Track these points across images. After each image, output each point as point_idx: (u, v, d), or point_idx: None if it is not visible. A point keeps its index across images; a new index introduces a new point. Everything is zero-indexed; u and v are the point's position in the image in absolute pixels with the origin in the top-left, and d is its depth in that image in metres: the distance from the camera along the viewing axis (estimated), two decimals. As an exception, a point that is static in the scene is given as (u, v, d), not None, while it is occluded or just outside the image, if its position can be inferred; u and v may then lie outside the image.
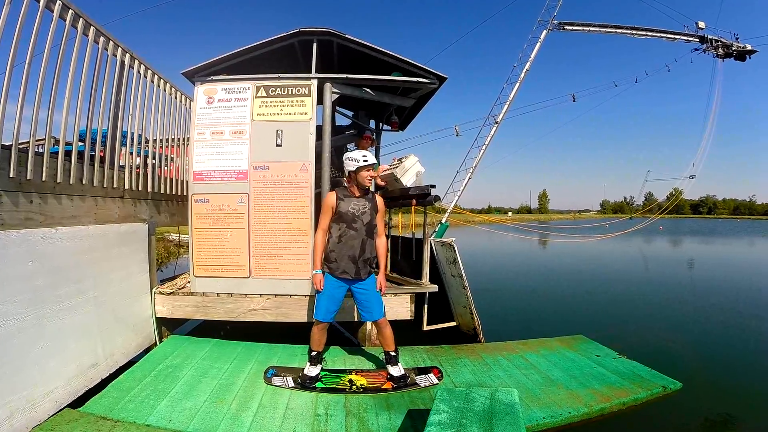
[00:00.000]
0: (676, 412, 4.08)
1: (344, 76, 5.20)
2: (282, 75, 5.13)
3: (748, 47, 19.18)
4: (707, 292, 10.80)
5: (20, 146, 3.16)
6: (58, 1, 3.50)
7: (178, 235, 13.65)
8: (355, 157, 3.84)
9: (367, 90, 5.45)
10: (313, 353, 4.01)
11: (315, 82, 5.10)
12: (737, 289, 11.34)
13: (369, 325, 5.04)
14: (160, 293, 5.02)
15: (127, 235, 4.61)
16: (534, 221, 61.53)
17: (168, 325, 5.20)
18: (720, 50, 19.05)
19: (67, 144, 3.73)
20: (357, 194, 3.93)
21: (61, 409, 3.31)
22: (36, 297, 3.25)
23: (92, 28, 4.00)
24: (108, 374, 4.01)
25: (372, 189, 5.85)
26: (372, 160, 3.87)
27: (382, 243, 4.06)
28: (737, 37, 19.29)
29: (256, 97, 5.09)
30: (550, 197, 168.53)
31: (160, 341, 4.98)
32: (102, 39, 4.20)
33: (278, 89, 5.09)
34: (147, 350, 4.75)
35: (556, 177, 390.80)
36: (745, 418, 4.16)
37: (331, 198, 3.90)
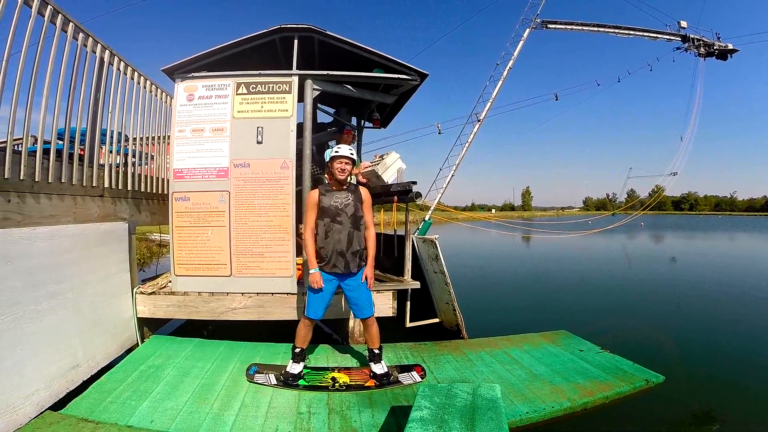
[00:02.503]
0: (658, 405, 4.14)
1: (325, 72, 5.17)
2: (263, 72, 5.09)
3: (730, 46, 19.45)
4: (688, 287, 10.95)
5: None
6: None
7: (159, 234, 13.53)
8: (332, 150, 3.88)
9: (349, 87, 5.43)
10: (297, 350, 3.99)
11: (296, 79, 5.07)
12: (718, 283, 11.52)
13: (352, 322, 5.04)
14: (141, 293, 4.96)
15: (107, 234, 4.55)
16: (518, 218, 61.84)
17: (150, 326, 5.14)
18: (702, 49, 19.28)
19: (46, 143, 3.67)
20: (338, 188, 3.92)
21: (41, 412, 3.26)
22: (13, 298, 3.20)
23: (71, 24, 3.96)
24: (89, 376, 3.96)
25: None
26: (344, 152, 3.87)
27: (370, 234, 4.01)
28: (719, 36, 19.56)
29: (236, 94, 5.05)
30: (533, 194, 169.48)
31: (142, 342, 4.92)
32: (81, 35, 4.15)
33: (259, 86, 5.06)
34: (128, 351, 4.68)
35: (539, 174, 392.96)
36: (727, 409, 4.24)
37: (313, 195, 3.90)
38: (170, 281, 5.13)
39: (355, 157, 3.95)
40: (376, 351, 4.03)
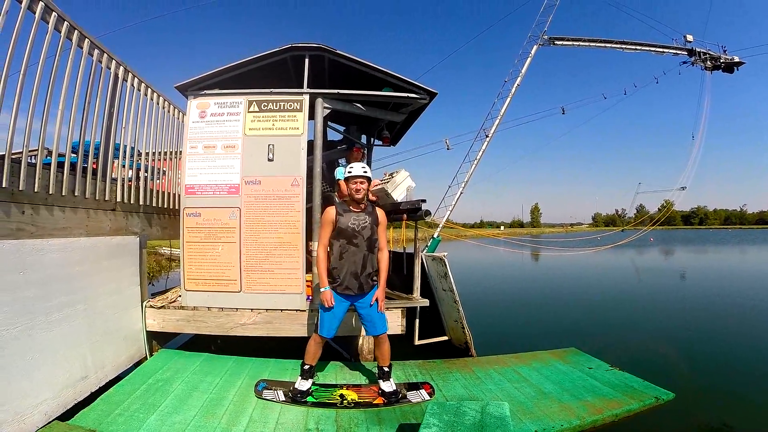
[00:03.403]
0: (668, 422, 4.10)
1: (335, 91, 5.24)
2: (274, 90, 5.17)
3: (736, 59, 19.48)
4: (698, 302, 10.86)
5: (12, 156, 3.16)
6: (54, 13, 3.53)
7: (169, 248, 13.60)
8: (346, 169, 3.88)
9: (358, 105, 5.49)
10: (306, 367, 4.00)
11: (307, 98, 5.14)
12: (727, 297, 11.42)
13: (361, 339, 5.04)
14: (151, 307, 5.00)
15: (118, 247, 4.60)
16: (526, 235, 61.63)
17: (158, 339, 5.17)
18: (708, 63, 19.34)
19: (60, 155, 3.74)
20: (356, 209, 3.92)
21: (49, 422, 3.30)
22: (26, 308, 3.25)
23: (87, 40, 4.03)
24: (98, 387, 3.99)
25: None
26: (357, 171, 3.84)
27: (383, 257, 4.01)
28: (725, 49, 19.61)
29: (248, 112, 5.13)
30: (542, 211, 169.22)
31: (151, 355, 4.95)
32: (96, 51, 4.23)
33: (270, 104, 5.13)
34: (137, 364, 4.72)
35: (548, 191, 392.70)
36: (738, 425, 4.20)
37: (330, 213, 3.89)
38: (180, 295, 5.17)
39: (369, 174, 3.93)
40: (386, 369, 4.03)
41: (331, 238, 3.89)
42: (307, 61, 5.28)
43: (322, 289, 3.84)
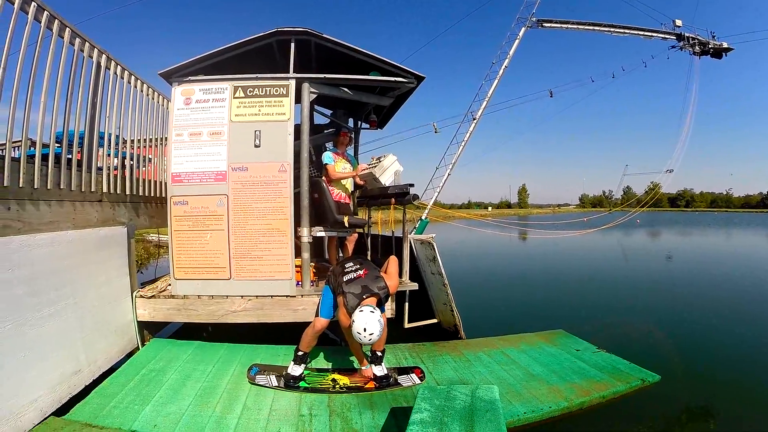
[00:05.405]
0: (654, 403, 4.20)
1: (322, 76, 5.18)
2: (260, 75, 5.10)
3: (725, 45, 19.63)
4: (684, 284, 11.07)
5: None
6: (33, 3, 3.44)
7: (157, 235, 13.52)
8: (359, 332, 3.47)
9: (345, 89, 5.44)
10: (300, 353, 4.04)
11: (293, 82, 5.09)
12: (714, 279, 11.63)
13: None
14: (141, 297, 4.97)
15: (106, 239, 4.56)
16: (513, 216, 61.92)
17: (150, 329, 5.16)
18: (696, 48, 19.47)
19: (44, 146, 3.68)
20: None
21: (45, 418, 3.29)
22: (15, 305, 3.22)
23: (68, 29, 3.94)
24: (91, 380, 3.98)
25: (351, 189, 5.87)
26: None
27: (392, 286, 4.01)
28: (714, 35, 19.72)
29: (234, 98, 5.06)
30: (529, 192, 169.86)
31: (143, 345, 4.94)
32: (78, 40, 4.13)
33: (256, 89, 5.07)
34: (129, 354, 4.71)
35: (535, 171, 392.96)
36: (722, 407, 4.32)
37: None
38: (170, 284, 5.15)
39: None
40: (379, 353, 4.08)
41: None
42: (293, 45, 5.20)
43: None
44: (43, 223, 3.61)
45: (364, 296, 3.67)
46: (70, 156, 4.08)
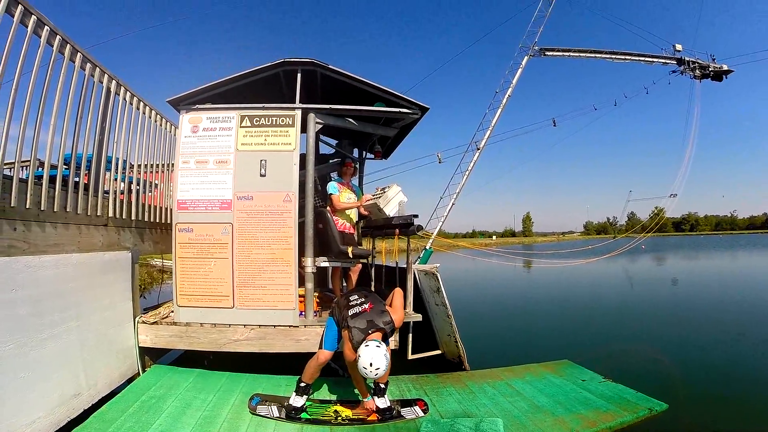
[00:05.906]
0: (662, 433, 4.12)
1: (328, 106, 5.26)
2: (266, 105, 5.17)
3: (725, 67, 19.80)
4: (691, 309, 10.93)
5: (4, 166, 3.14)
6: (46, 27, 3.53)
7: (161, 260, 13.52)
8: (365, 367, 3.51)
9: (351, 120, 5.51)
10: (302, 384, 4.01)
11: (299, 112, 5.15)
12: (719, 302, 11.52)
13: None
14: (144, 322, 4.96)
15: (110, 263, 4.58)
16: (518, 244, 61.74)
17: (151, 355, 5.13)
18: (697, 71, 19.64)
19: (53, 167, 3.73)
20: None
21: (43, 440, 3.26)
22: (18, 326, 3.22)
23: (79, 54, 4.03)
24: (90, 404, 3.95)
25: (356, 219, 5.89)
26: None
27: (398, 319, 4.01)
28: (713, 58, 19.91)
29: (240, 127, 5.12)
30: (533, 220, 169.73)
31: (143, 371, 4.91)
32: (89, 65, 4.22)
33: (263, 119, 5.13)
34: (130, 380, 4.67)
35: (539, 200, 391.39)
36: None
37: None
38: (172, 311, 5.14)
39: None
40: (382, 386, 4.03)
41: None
42: (299, 75, 5.28)
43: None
44: (48, 245, 3.64)
45: (370, 331, 3.66)
46: (77, 179, 4.13)
